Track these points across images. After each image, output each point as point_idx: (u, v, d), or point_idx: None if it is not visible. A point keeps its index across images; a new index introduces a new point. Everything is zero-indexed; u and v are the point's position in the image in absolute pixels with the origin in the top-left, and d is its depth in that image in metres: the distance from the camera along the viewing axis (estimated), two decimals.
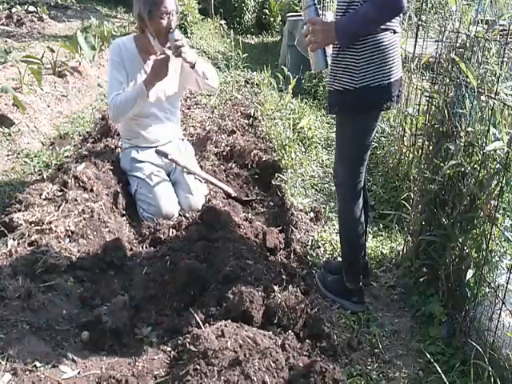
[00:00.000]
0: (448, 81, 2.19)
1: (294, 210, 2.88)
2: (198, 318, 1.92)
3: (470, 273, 1.85)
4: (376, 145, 3.88)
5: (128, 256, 2.24)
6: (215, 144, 3.62)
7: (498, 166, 1.79)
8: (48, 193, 2.46)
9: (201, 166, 3.16)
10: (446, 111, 2.15)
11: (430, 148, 2.32)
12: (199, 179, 2.96)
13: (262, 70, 5.12)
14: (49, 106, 4.30)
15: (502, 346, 1.71)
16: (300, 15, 6.23)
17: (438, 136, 2.23)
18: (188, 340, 1.77)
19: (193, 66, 2.69)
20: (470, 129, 1.96)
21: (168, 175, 2.94)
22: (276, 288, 2.04)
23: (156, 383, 1.72)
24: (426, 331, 2.07)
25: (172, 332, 1.96)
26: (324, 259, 2.52)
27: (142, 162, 2.85)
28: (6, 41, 6.04)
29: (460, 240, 1.97)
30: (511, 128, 1.83)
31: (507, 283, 1.69)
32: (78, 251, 2.21)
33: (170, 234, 2.50)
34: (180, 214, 2.78)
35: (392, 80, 1.90)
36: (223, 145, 3.60)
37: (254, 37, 9.33)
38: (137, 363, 1.80)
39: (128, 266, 2.21)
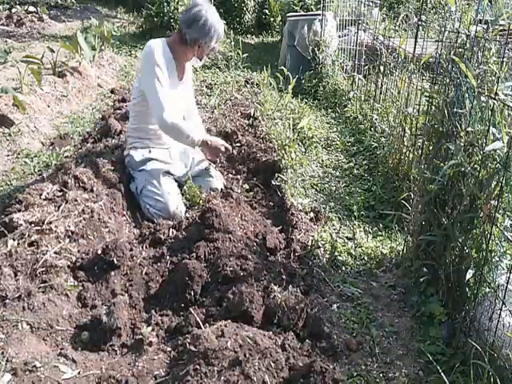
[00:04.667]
0: (448, 81, 2.19)
1: (294, 210, 2.88)
2: (197, 318, 1.92)
3: (469, 273, 1.84)
4: (376, 145, 3.88)
5: (128, 256, 2.24)
6: None
7: (497, 165, 1.79)
8: (48, 193, 2.46)
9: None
10: (445, 111, 2.15)
11: (430, 148, 2.32)
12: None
13: (262, 70, 5.12)
14: (49, 106, 4.30)
15: (502, 346, 1.71)
16: (300, 15, 6.23)
17: (438, 136, 2.23)
18: (188, 340, 1.77)
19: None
20: (469, 129, 1.96)
21: (176, 181, 3.00)
22: (276, 288, 2.04)
23: (156, 383, 1.72)
24: (426, 331, 2.07)
25: (172, 332, 1.96)
26: (324, 259, 2.53)
27: (154, 159, 2.90)
28: (6, 41, 6.05)
29: (460, 240, 1.97)
30: (511, 128, 1.83)
31: (507, 283, 1.69)
32: (78, 251, 2.21)
33: (170, 234, 2.50)
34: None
35: None
36: None
37: (253, 37, 9.32)
38: (137, 363, 1.80)
39: (128, 265, 2.21)
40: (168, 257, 2.32)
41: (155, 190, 2.77)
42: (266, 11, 9.57)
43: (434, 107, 2.34)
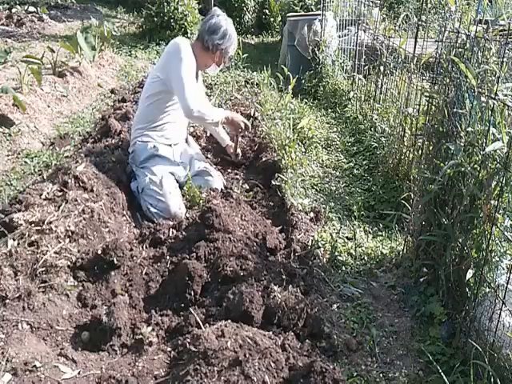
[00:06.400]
0: (448, 81, 2.19)
1: (294, 210, 2.88)
2: (197, 318, 1.92)
3: (469, 273, 1.85)
4: (376, 145, 3.88)
5: (128, 256, 2.24)
6: None
7: (498, 166, 1.79)
8: (48, 193, 2.45)
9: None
10: (445, 111, 2.15)
11: (430, 148, 2.32)
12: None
13: (262, 70, 5.12)
14: (49, 106, 4.30)
15: (502, 346, 1.71)
16: (300, 15, 6.23)
17: (438, 136, 2.23)
18: (188, 340, 1.77)
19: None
20: (469, 129, 1.96)
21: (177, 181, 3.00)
22: (276, 288, 2.04)
23: (156, 383, 1.72)
24: (426, 331, 2.07)
25: (172, 332, 1.96)
26: (324, 259, 2.53)
27: (158, 157, 2.91)
28: (6, 41, 6.04)
29: (460, 240, 1.97)
30: (511, 128, 1.83)
31: (507, 283, 1.69)
32: (78, 251, 2.21)
33: (170, 234, 2.50)
34: None
35: None
36: None
37: (254, 37, 9.31)
38: (137, 363, 1.80)
39: (128, 265, 2.21)
40: (168, 257, 2.32)
41: (157, 189, 2.77)
42: (266, 11, 9.56)
43: (434, 107, 2.34)
